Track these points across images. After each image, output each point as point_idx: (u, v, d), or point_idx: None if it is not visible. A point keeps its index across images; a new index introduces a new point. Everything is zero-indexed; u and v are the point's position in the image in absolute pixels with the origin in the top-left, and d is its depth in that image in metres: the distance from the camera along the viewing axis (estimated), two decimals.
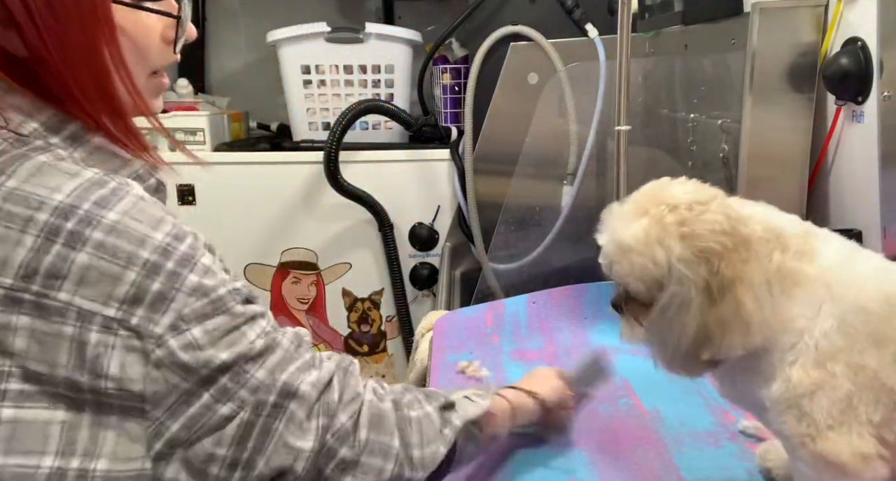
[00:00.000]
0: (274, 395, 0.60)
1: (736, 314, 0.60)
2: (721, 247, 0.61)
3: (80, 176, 0.57)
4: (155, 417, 0.57)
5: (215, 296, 0.58)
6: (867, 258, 0.65)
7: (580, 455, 0.86)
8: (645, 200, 0.66)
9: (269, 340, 0.61)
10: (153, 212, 0.59)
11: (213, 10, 2.20)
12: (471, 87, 1.61)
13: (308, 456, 0.61)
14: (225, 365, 0.58)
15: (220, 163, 1.74)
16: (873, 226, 0.95)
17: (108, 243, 0.55)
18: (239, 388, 0.59)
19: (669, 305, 0.63)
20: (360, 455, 0.63)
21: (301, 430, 0.61)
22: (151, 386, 0.56)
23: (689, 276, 0.61)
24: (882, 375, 0.59)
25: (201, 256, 0.59)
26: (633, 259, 0.64)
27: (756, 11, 1.04)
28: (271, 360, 0.61)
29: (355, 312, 1.85)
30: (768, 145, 1.08)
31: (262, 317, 0.62)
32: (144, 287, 0.55)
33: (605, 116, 1.50)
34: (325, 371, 0.65)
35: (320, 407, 0.63)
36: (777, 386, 0.62)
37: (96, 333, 0.55)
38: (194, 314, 0.57)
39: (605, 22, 1.52)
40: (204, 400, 0.58)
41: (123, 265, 0.55)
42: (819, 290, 0.62)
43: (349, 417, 0.64)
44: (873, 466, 0.60)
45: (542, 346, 1.21)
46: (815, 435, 0.61)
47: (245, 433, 0.59)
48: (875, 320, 0.60)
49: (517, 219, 1.61)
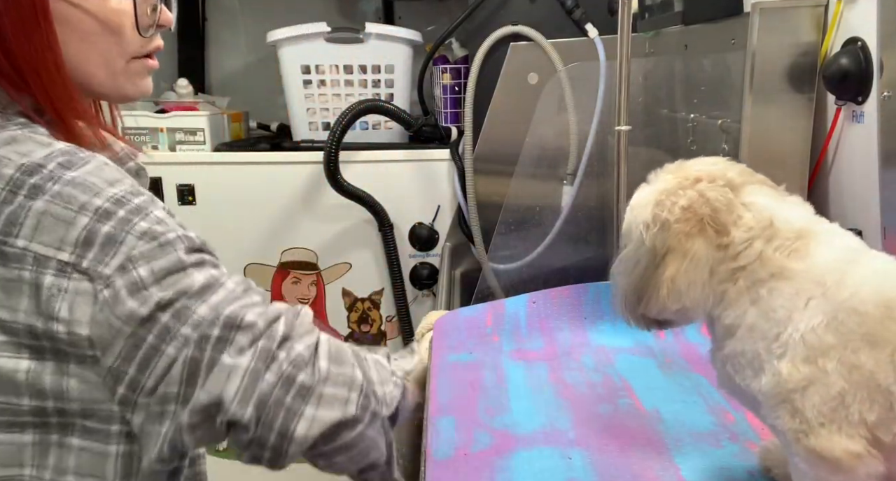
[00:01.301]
0: (217, 328, 0.59)
1: (661, 278, 0.66)
2: (672, 217, 0.67)
3: (51, 146, 0.61)
4: (108, 364, 0.59)
5: (164, 240, 0.60)
6: (872, 259, 0.65)
7: (580, 455, 0.86)
8: (666, 171, 0.72)
9: (212, 280, 0.61)
10: (113, 174, 0.61)
11: (213, 10, 2.20)
12: (471, 87, 1.61)
13: (244, 374, 0.57)
14: (165, 301, 0.59)
15: (220, 163, 1.74)
16: (873, 226, 0.95)
17: (64, 192, 0.58)
18: (181, 325, 0.59)
19: (624, 259, 0.71)
20: (321, 383, 0.61)
21: (239, 352, 0.59)
22: (97, 330, 0.58)
23: (642, 237, 0.68)
24: (878, 376, 0.59)
25: (155, 210, 0.61)
26: (628, 216, 0.72)
27: (756, 11, 1.04)
28: (214, 297, 0.61)
29: (355, 312, 1.85)
30: (768, 145, 1.08)
31: (213, 267, 0.63)
32: (95, 230, 0.58)
33: (605, 116, 1.50)
34: (272, 308, 0.64)
35: (267, 334, 0.60)
36: (767, 380, 0.63)
37: (50, 276, 0.57)
38: (141, 255, 0.58)
39: (605, 22, 1.52)
40: (150, 341, 0.58)
41: (77, 210, 0.58)
42: (807, 286, 0.63)
43: (305, 347, 0.62)
44: (868, 462, 0.60)
45: (542, 346, 1.21)
46: (807, 431, 0.61)
47: (192, 370, 0.58)
48: (870, 321, 0.60)
49: (517, 219, 1.61)
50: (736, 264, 0.66)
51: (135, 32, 0.68)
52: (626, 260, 0.71)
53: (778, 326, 0.63)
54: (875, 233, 0.95)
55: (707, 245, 0.66)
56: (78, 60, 0.65)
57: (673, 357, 1.13)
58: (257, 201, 1.76)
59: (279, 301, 0.70)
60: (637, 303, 0.70)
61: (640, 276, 0.69)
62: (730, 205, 0.67)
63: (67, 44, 0.64)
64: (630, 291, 0.71)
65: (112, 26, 0.66)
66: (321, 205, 1.76)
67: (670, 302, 0.67)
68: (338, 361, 0.64)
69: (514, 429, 0.92)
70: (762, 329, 0.64)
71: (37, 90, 0.63)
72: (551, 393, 1.02)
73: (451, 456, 0.88)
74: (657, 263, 0.67)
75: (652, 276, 0.68)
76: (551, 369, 1.11)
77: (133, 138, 1.72)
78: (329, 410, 0.61)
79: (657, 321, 0.73)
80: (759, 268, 0.65)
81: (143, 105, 1.81)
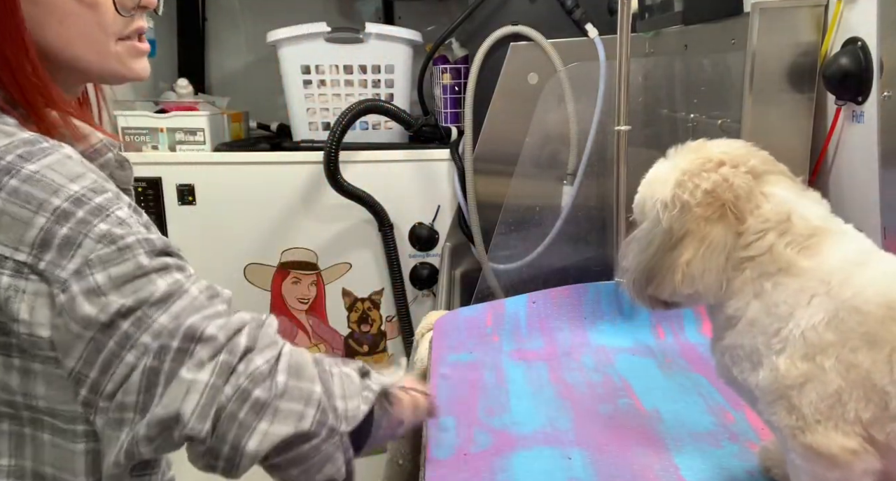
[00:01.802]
0: (178, 340, 0.57)
1: (676, 262, 0.65)
2: (693, 200, 0.65)
3: (14, 135, 0.59)
4: (69, 367, 0.57)
5: (123, 244, 0.57)
6: (881, 261, 0.65)
7: (580, 455, 0.86)
8: (687, 149, 0.71)
9: (175, 287, 0.59)
10: (75, 168, 0.59)
11: (213, 10, 2.20)
12: (471, 87, 1.61)
13: (203, 390, 0.56)
14: (126, 309, 0.57)
15: (220, 163, 1.74)
16: (873, 226, 0.95)
17: (22, 190, 0.56)
18: (141, 334, 0.57)
19: (638, 237, 0.70)
20: (276, 398, 0.59)
21: (198, 366, 0.57)
22: (56, 334, 0.57)
23: (659, 217, 0.67)
24: (875, 376, 0.59)
25: (117, 209, 0.59)
26: (643, 190, 0.71)
27: (756, 11, 1.04)
28: (176, 306, 0.58)
29: (355, 312, 1.85)
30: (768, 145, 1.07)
31: (178, 270, 0.60)
32: (53, 232, 0.56)
33: (605, 116, 1.50)
34: (235, 319, 0.61)
35: (228, 348, 0.58)
36: (764, 375, 0.63)
37: (7, 277, 0.56)
38: (99, 259, 0.56)
39: (605, 22, 1.52)
40: (110, 347, 0.57)
41: (34, 210, 0.56)
42: (812, 284, 0.63)
43: (265, 361, 0.60)
44: (864, 458, 0.60)
45: (542, 346, 1.21)
46: (804, 427, 0.61)
47: (151, 380, 0.57)
48: (871, 321, 0.60)
49: (517, 219, 1.61)
50: (745, 254, 0.65)
51: (115, 12, 0.67)
52: (640, 238, 0.70)
53: (779, 321, 0.63)
54: (875, 233, 0.95)
55: (726, 231, 0.65)
56: (60, 43, 0.64)
57: (673, 357, 1.13)
58: (257, 201, 1.76)
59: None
60: (647, 283, 0.69)
61: (652, 257, 0.68)
62: (750, 193, 0.66)
63: (47, 26, 0.63)
64: (640, 271, 0.69)
65: (87, 3, 0.64)
66: (321, 205, 1.76)
67: (684, 286, 0.66)
68: (297, 375, 0.61)
69: (514, 429, 0.92)
70: (763, 323, 0.64)
71: (4, 76, 0.61)
72: (551, 393, 1.03)
73: (451, 456, 0.88)
74: (672, 245, 0.66)
75: (665, 258, 0.67)
76: (551, 369, 1.11)
77: (133, 138, 1.72)
78: (282, 425, 0.59)
79: (664, 302, 0.71)
80: (768, 261, 0.64)
81: (143, 105, 1.81)
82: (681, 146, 0.73)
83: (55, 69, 0.65)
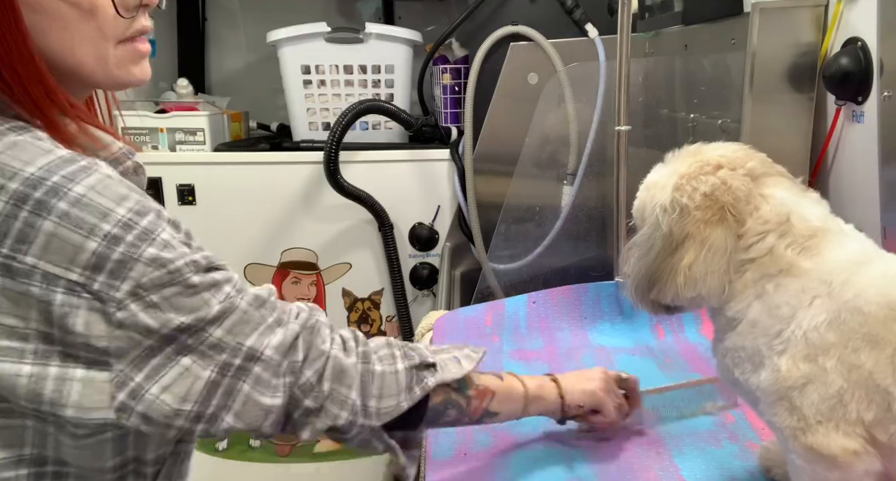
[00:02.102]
0: (239, 359, 0.64)
1: (678, 265, 0.66)
2: (692, 203, 0.66)
3: (52, 153, 0.60)
4: (119, 369, 0.61)
5: (173, 267, 0.61)
6: (882, 261, 0.65)
7: (580, 455, 0.86)
8: (685, 153, 0.71)
9: (228, 304, 0.64)
10: (118, 189, 0.61)
11: (213, 10, 2.20)
12: (471, 87, 1.61)
13: (278, 411, 0.67)
14: (185, 326, 0.61)
15: (220, 163, 1.74)
16: (873, 226, 0.95)
17: (72, 214, 0.58)
18: (199, 345, 0.62)
19: (639, 242, 0.70)
20: (322, 403, 0.69)
21: (270, 389, 0.66)
22: (116, 343, 0.60)
23: (659, 221, 0.67)
24: (877, 376, 0.59)
25: (161, 232, 0.62)
26: (643, 196, 0.72)
27: (756, 11, 1.04)
28: (229, 321, 0.64)
29: (355, 312, 1.85)
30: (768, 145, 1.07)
31: (227, 283, 0.65)
32: (105, 255, 0.59)
33: (605, 116, 1.50)
34: (290, 332, 0.68)
35: (286, 367, 0.67)
36: (766, 376, 0.63)
37: (61, 294, 0.58)
38: (152, 283, 0.60)
39: (605, 22, 1.52)
40: (166, 352, 0.61)
41: (86, 234, 0.58)
42: (813, 284, 0.63)
43: (314, 372, 0.69)
44: (864, 459, 0.60)
45: (542, 346, 1.21)
46: (805, 428, 0.61)
47: (210, 391, 0.63)
48: (872, 322, 0.60)
49: (517, 219, 1.61)
50: (746, 256, 0.65)
51: (115, 14, 0.66)
52: (641, 243, 0.70)
53: (781, 323, 0.63)
54: (875, 233, 0.95)
55: (726, 234, 0.65)
56: (62, 49, 0.64)
57: (673, 357, 1.13)
58: (257, 201, 1.76)
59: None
60: (649, 288, 0.69)
61: (654, 261, 0.68)
62: (749, 195, 0.66)
63: (49, 33, 0.63)
64: (642, 276, 0.69)
65: (86, 8, 0.64)
66: (321, 205, 1.76)
67: (686, 290, 0.66)
68: (339, 381, 0.70)
69: (514, 429, 0.92)
70: (764, 324, 0.64)
71: (13, 84, 0.62)
72: None
73: (451, 456, 0.88)
74: (672, 249, 0.66)
75: (666, 262, 0.67)
76: (551, 369, 1.11)
77: (133, 138, 1.72)
78: (324, 421, 0.70)
79: (667, 307, 0.71)
80: (769, 263, 0.64)
81: (143, 105, 1.81)
82: (678, 150, 0.73)
83: (60, 77, 0.65)
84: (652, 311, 0.73)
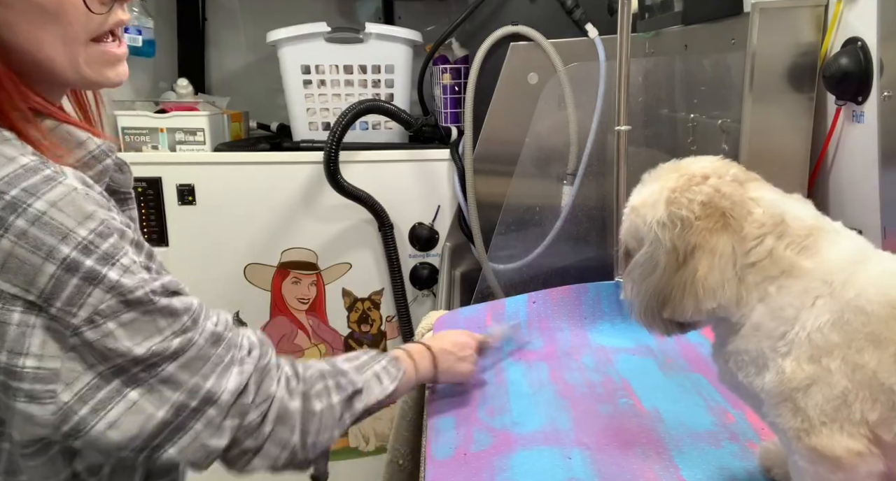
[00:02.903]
0: (196, 401, 0.64)
1: (692, 278, 0.64)
2: (692, 215, 0.65)
3: (15, 161, 0.58)
4: (63, 401, 0.59)
5: (132, 297, 0.60)
6: (879, 260, 0.65)
7: (580, 454, 0.86)
8: (665, 170, 0.71)
9: (184, 340, 0.64)
10: (82, 206, 0.59)
11: (213, 10, 2.20)
12: (471, 87, 1.61)
13: (221, 452, 0.68)
14: (139, 358, 0.61)
15: (220, 163, 1.74)
16: (873, 226, 0.95)
17: (30, 233, 0.56)
18: (150, 379, 0.62)
19: (641, 262, 0.69)
20: (262, 444, 0.71)
21: (218, 431, 0.67)
22: (67, 365, 0.59)
23: (659, 238, 0.66)
24: (881, 376, 0.59)
25: (122, 256, 0.60)
26: (632, 218, 0.70)
27: (756, 11, 1.04)
28: (185, 357, 0.64)
29: (355, 312, 1.85)
30: (768, 145, 1.08)
31: (185, 312, 0.64)
32: (63, 281, 0.57)
33: (605, 116, 1.50)
34: (244, 374, 0.69)
35: (235, 409, 0.68)
36: (770, 378, 0.63)
37: (18, 314, 0.57)
38: (110, 309, 0.59)
39: (605, 22, 1.52)
40: (114, 384, 0.60)
41: (44, 257, 0.56)
42: (815, 284, 0.63)
43: (259, 414, 0.70)
44: (868, 460, 0.60)
45: (542, 346, 1.21)
46: (808, 429, 0.61)
47: (160, 430, 0.63)
48: (875, 321, 0.60)
49: (517, 219, 1.61)
50: (746, 260, 0.65)
51: (86, 12, 0.63)
52: (642, 264, 0.69)
53: (785, 324, 0.63)
54: (875, 233, 0.95)
55: (731, 239, 0.65)
56: (31, 44, 0.62)
57: (673, 357, 1.13)
58: (257, 201, 1.76)
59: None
60: (661, 307, 0.67)
61: (661, 279, 0.66)
62: (741, 199, 0.66)
63: (16, 29, 0.61)
64: (652, 296, 0.68)
65: (52, 4, 0.61)
66: (321, 205, 1.76)
67: (706, 301, 0.65)
68: (282, 424, 0.72)
69: (514, 429, 0.92)
70: (768, 327, 0.64)
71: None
72: (551, 393, 1.02)
73: (451, 456, 0.88)
74: (680, 263, 0.65)
75: (675, 278, 0.65)
76: (551, 369, 1.11)
77: (133, 138, 1.72)
78: (263, 461, 0.72)
79: (680, 324, 0.70)
80: (770, 265, 0.64)
81: (143, 105, 1.81)
82: (652, 171, 0.72)
83: (32, 73, 0.63)
84: (665, 332, 0.71)
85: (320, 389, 0.78)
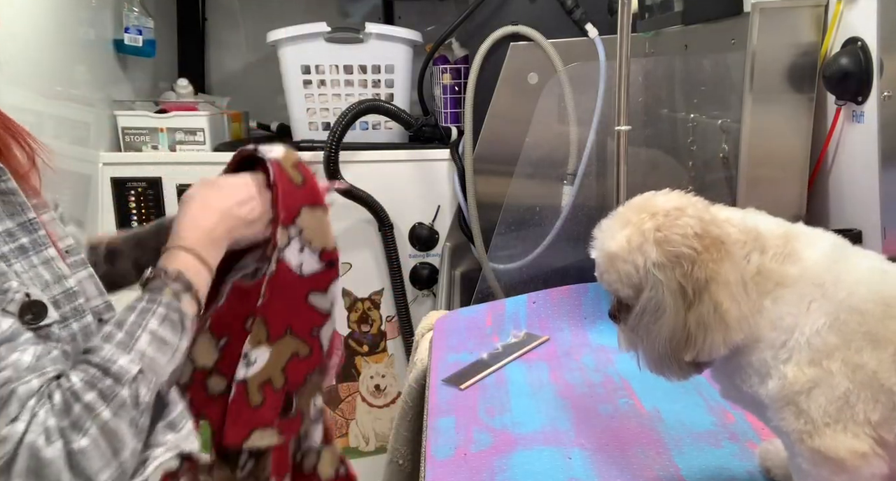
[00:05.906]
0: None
1: (714, 313, 0.62)
2: (691, 250, 0.63)
3: None
4: None
5: None
6: (860, 258, 0.65)
7: (580, 455, 0.86)
8: (629, 212, 0.68)
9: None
10: None
11: (213, 10, 2.20)
12: (471, 87, 1.61)
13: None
14: None
15: (220, 164, 1.73)
16: (873, 226, 0.95)
17: None
18: None
19: (646, 308, 0.65)
20: None
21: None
22: None
23: (661, 280, 0.63)
24: (881, 376, 0.59)
25: None
26: (619, 266, 0.66)
27: (756, 11, 1.04)
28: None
29: (355, 312, 1.85)
30: (768, 145, 1.08)
31: None
32: None
33: (605, 116, 1.50)
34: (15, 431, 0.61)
35: None
36: (773, 384, 0.63)
37: None
38: None
39: (605, 22, 1.52)
40: None
41: None
42: (806, 289, 0.63)
43: (13, 445, 0.60)
44: (871, 462, 0.60)
45: (542, 346, 1.21)
46: (812, 431, 0.61)
47: None
48: (871, 320, 0.60)
49: (517, 219, 1.61)
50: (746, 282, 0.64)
51: None
52: (649, 310, 0.65)
53: (785, 333, 0.63)
54: (875, 233, 0.95)
55: (736, 265, 0.63)
56: None
57: None
58: None
59: None
60: (679, 350, 0.64)
61: (675, 321, 0.63)
62: (721, 224, 0.65)
63: None
64: (670, 340, 0.64)
65: None
66: None
67: (736, 333, 0.62)
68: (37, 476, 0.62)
69: (514, 429, 0.92)
70: (769, 338, 0.63)
71: None
72: (551, 393, 1.03)
73: (451, 456, 0.88)
74: (691, 301, 0.62)
75: (691, 316, 0.63)
76: (551, 369, 1.11)
77: (133, 138, 1.72)
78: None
79: (696, 364, 0.67)
80: (763, 281, 0.64)
81: (143, 105, 1.81)
82: (605, 221, 0.69)
83: None
84: (684, 376, 0.68)
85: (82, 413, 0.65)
